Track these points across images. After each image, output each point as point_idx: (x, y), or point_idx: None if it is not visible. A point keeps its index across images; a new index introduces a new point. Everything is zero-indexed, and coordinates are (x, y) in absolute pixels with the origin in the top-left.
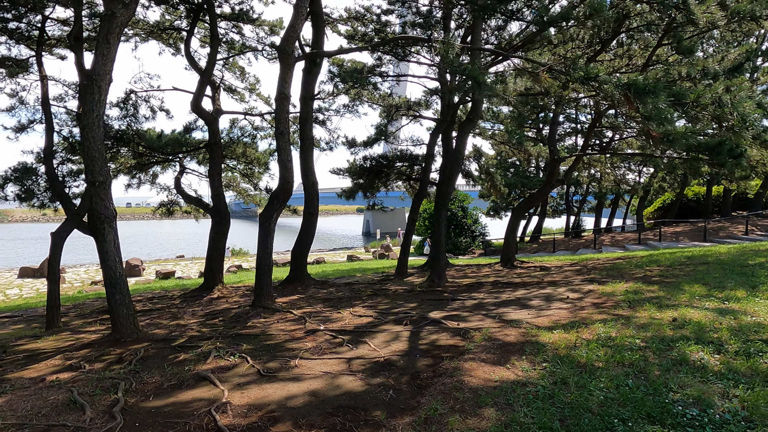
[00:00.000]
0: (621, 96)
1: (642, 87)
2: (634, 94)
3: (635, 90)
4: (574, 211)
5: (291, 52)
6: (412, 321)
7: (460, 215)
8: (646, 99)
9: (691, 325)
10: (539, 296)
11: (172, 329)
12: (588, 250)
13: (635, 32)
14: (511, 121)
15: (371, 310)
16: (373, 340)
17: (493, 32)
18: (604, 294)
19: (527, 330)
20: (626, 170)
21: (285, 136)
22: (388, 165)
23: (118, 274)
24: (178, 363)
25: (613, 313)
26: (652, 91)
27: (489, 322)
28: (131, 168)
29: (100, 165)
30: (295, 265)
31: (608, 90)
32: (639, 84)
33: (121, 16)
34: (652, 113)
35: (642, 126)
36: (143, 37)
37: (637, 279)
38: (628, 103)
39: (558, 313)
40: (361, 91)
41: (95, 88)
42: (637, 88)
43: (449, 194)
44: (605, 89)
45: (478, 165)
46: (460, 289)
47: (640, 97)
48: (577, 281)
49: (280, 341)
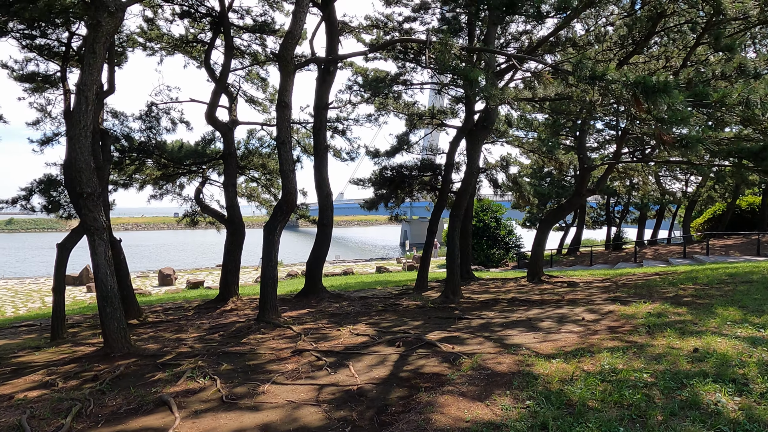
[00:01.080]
0: (630, 96)
1: (651, 85)
2: (643, 93)
3: (644, 89)
4: (615, 222)
5: (290, 59)
6: (407, 342)
7: (493, 226)
8: (657, 99)
9: (714, 357)
10: (553, 317)
11: (168, 344)
12: (627, 263)
13: (671, 31)
14: (545, 128)
15: (373, 327)
16: (356, 364)
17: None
18: (624, 316)
19: (524, 358)
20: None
21: (286, 145)
22: (410, 175)
23: (109, 287)
24: (149, 383)
25: (627, 339)
26: (663, 90)
27: (488, 345)
28: (157, 179)
29: (88, 176)
30: (310, 277)
31: (616, 90)
32: (648, 82)
33: (106, 25)
34: (666, 115)
35: (654, 130)
36: (169, 51)
37: (666, 299)
38: (637, 104)
39: (566, 337)
40: (386, 100)
41: (82, 99)
42: (646, 87)
43: (463, 205)
44: (613, 89)
45: (506, 174)
46: (473, 306)
47: (650, 97)
48: (599, 300)
49: (263, 361)
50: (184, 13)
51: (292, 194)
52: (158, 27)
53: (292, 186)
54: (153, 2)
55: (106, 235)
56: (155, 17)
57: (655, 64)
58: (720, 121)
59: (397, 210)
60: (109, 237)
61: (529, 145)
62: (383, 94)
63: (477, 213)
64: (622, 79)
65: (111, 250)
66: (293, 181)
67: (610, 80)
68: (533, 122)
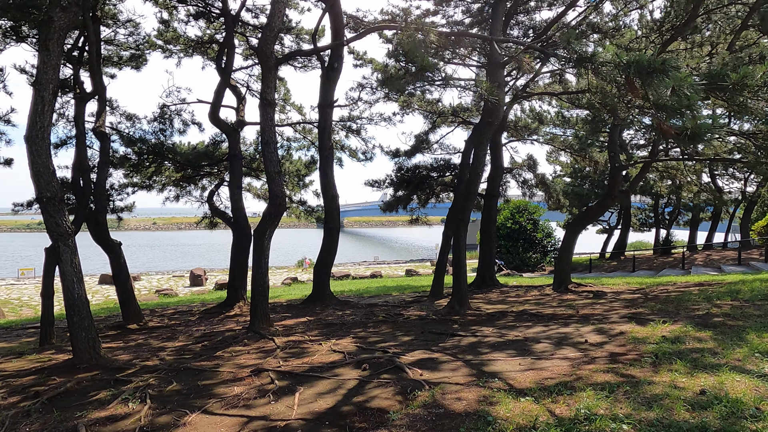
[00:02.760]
0: (623, 80)
1: (646, 64)
2: (638, 74)
3: (638, 70)
4: (666, 224)
5: (270, 53)
6: (376, 365)
7: (529, 228)
8: (654, 81)
9: (723, 404)
10: (553, 337)
11: (144, 354)
12: (674, 270)
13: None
14: (583, 125)
15: (357, 342)
16: (307, 390)
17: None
18: (633, 340)
19: (492, 392)
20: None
21: (270, 146)
22: (428, 176)
23: (76, 295)
24: (83, 405)
25: (625, 372)
26: (660, 70)
27: (461, 373)
28: (176, 181)
29: (47, 180)
30: (317, 283)
31: (607, 73)
32: (643, 61)
33: (59, 20)
34: (666, 101)
35: (653, 119)
36: (188, 53)
37: (692, 319)
38: (630, 87)
39: (556, 365)
40: (410, 98)
41: (38, 99)
42: (640, 67)
43: (467, 208)
44: (603, 72)
45: (534, 174)
46: (477, 319)
47: (646, 79)
48: (615, 317)
49: (217, 381)
50: (198, 13)
51: (280, 198)
52: (174, 29)
53: (279, 189)
54: (168, 3)
55: (71, 241)
56: (171, 18)
57: (698, 51)
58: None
59: (421, 211)
60: (74, 242)
61: (560, 143)
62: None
63: (512, 215)
64: (615, 60)
65: (111, 254)
66: (279, 184)
67: (599, 62)
68: (570, 119)
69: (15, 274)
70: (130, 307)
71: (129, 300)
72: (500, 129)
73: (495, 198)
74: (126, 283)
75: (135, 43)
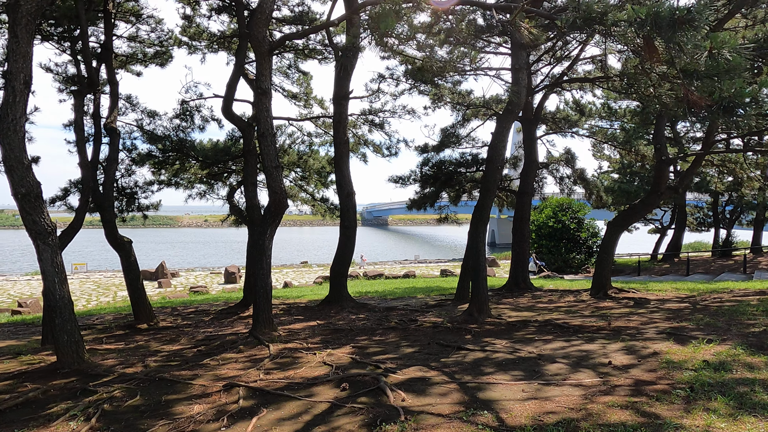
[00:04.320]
0: (641, 41)
1: (667, 16)
2: (657, 30)
3: (656, 23)
4: (726, 223)
5: (262, 38)
6: (358, 383)
7: (573, 228)
8: (677, 37)
9: None
10: (573, 356)
11: (134, 358)
12: (733, 275)
13: None
14: (631, 117)
15: (354, 353)
16: (270, 414)
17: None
18: (668, 364)
19: (476, 431)
20: None
21: (267, 138)
22: (456, 171)
23: (58, 296)
24: (32, 419)
25: (648, 410)
26: (686, 21)
27: (450, 400)
28: (203, 178)
29: (21, 175)
30: (334, 284)
31: (621, 34)
32: (663, 13)
33: (26, 4)
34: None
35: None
36: (213, 48)
37: (745, 337)
38: (649, 50)
39: (565, 395)
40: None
41: (9, 90)
42: (659, 20)
43: (487, 206)
44: (616, 33)
45: (573, 170)
46: (494, 329)
47: (667, 34)
48: (651, 332)
49: (181, 397)
50: (220, 8)
51: (279, 194)
52: (198, 24)
53: (278, 185)
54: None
55: (52, 239)
56: (194, 14)
57: (760, 28)
58: None
59: (452, 209)
60: (55, 241)
61: (603, 135)
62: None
63: (555, 213)
64: (631, 16)
65: (120, 252)
66: (278, 179)
67: (610, 21)
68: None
69: (69, 269)
70: (141, 306)
71: (139, 299)
72: (535, 121)
73: (529, 195)
74: (136, 281)
75: (158, 39)
